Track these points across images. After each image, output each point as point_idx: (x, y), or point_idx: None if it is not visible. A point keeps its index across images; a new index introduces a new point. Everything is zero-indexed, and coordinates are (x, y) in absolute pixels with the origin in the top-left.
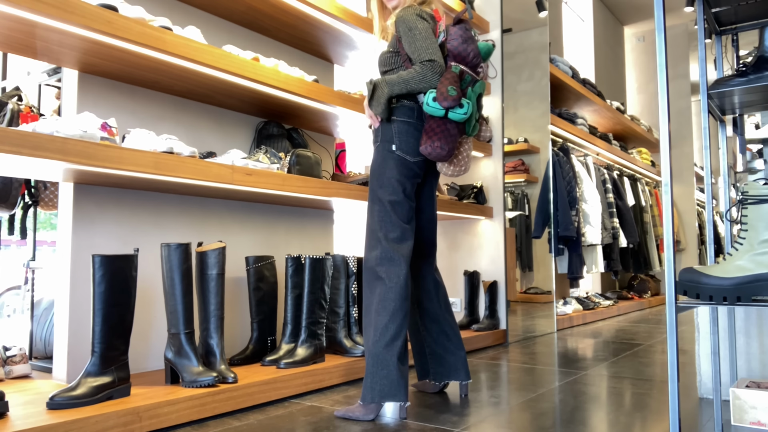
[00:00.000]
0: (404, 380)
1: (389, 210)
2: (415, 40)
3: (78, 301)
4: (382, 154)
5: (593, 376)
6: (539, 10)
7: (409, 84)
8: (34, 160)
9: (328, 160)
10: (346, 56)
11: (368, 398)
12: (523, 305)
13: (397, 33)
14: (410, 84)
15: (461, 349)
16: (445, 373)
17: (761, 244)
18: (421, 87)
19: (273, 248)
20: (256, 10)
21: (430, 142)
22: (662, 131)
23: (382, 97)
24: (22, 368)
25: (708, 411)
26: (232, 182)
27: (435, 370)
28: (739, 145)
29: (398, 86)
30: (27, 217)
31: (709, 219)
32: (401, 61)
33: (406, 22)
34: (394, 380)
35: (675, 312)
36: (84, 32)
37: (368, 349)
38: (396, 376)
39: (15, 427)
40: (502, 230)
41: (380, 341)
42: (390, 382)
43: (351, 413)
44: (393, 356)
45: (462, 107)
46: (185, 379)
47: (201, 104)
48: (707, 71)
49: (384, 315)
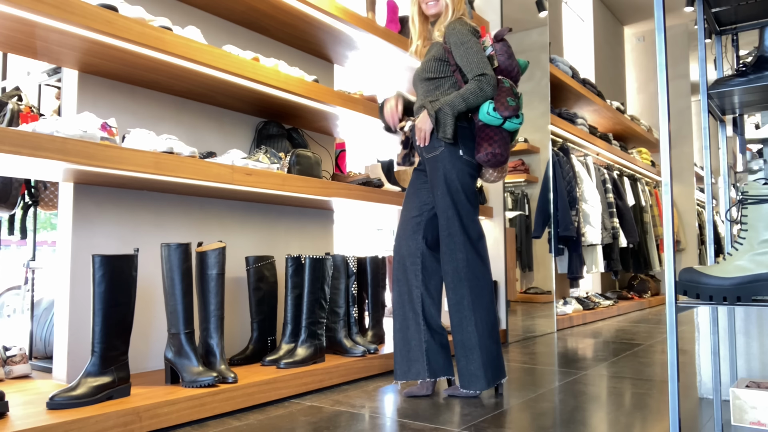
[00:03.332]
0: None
1: (472, 211)
2: (468, 54)
3: (78, 301)
4: (450, 161)
5: (593, 376)
6: (539, 10)
7: (468, 100)
8: (34, 160)
9: (328, 160)
10: (346, 56)
11: (484, 384)
12: (523, 305)
13: (447, 43)
14: (470, 100)
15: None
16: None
17: (761, 244)
18: (480, 101)
19: (273, 248)
20: (256, 10)
21: (491, 149)
22: (662, 131)
23: (449, 119)
24: (22, 368)
25: (708, 411)
26: (232, 182)
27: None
28: (739, 145)
29: (460, 105)
30: (27, 217)
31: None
32: (451, 70)
33: (459, 35)
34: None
35: (675, 312)
36: (84, 32)
37: (477, 343)
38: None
39: (15, 427)
40: (502, 230)
41: (484, 334)
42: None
43: (459, 393)
44: (498, 344)
45: (518, 117)
46: (185, 379)
47: (201, 104)
48: (707, 71)
49: (481, 310)
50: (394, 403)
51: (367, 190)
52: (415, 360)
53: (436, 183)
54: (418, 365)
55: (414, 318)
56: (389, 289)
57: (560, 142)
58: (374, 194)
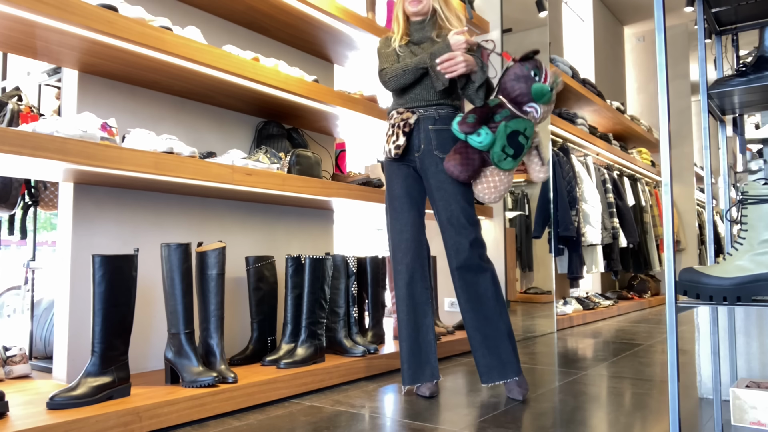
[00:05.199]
0: None
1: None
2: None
3: (78, 301)
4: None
5: (593, 376)
6: (539, 10)
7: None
8: (34, 160)
9: (328, 160)
10: (346, 56)
11: (518, 368)
12: (523, 305)
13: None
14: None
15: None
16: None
17: (761, 244)
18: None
19: (273, 248)
20: (256, 10)
21: (451, 161)
22: (662, 131)
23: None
24: (22, 368)
25: (708, 411)
26: (232, 182)
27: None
28: (739, 145)
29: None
30: (27, 217)
31: (709, 219)
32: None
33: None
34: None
35: (675, 312)
36: (84, 32)
37: (507, 332)
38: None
39: (15, 427)
40: (502, 230)
41: (509, 322)
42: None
43: (524, 388)
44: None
45: (479, 136)
46: (185, 379)
47: (201, 104)
48: (707, 71)
49: (503, 300)
50: (395, 403)
51: (367, 190)
52: (426, 362)
53: (444, 178)
54: (431, 366)
55: (423, 320)
56: (389, 289)
57: (560, 142)
58: (374, 194)
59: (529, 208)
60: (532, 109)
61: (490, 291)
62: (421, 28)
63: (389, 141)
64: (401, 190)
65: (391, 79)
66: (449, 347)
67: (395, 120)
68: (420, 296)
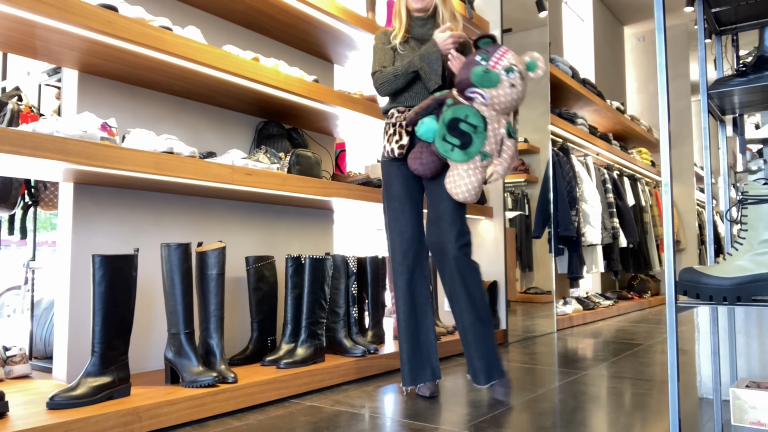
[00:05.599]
0: None
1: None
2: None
3: (78, 301)
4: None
5: (593, 376)
6: (539, 10)
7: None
8: (34, 160)
9: (328, 160)
10: (346, 56)
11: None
12: (523, 305)
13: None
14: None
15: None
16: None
17: (761, 244)
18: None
19: (273, 248)
20: (256, 10)
21: (410, 157)
22: (662, 131)
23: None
24: (22, 368)
25: (708, 411)
26: (232, 182)
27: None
28: (739, 145)
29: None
30: (27, 217)
31: (709, 219)
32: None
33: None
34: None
35: (675, 312)
36: (84, 32)
37: (492, 332)
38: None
39: (15, 427)
40: (502, 230)
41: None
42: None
43: (509, 387)
44: None
45: (418, 126)
46: (185, 379)
47: (201, 104)
48: (707, 71)
49: (487, 300)
50: (395, 403)
51: (367, 190)
52: (427, 362)
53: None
54: (432, 366)
55: (424, 320)
56: (389, 289)
57: (560, 142)
58: (374, 194)
59: (529, 208)
60: (476, 94)
61: (478, 292)
62: (422, 24)
63: (391, 140)
64: (402, 190)
65: (382, 85)
66: (449, 347)
67: (397, 119)
68: (420, 296)
